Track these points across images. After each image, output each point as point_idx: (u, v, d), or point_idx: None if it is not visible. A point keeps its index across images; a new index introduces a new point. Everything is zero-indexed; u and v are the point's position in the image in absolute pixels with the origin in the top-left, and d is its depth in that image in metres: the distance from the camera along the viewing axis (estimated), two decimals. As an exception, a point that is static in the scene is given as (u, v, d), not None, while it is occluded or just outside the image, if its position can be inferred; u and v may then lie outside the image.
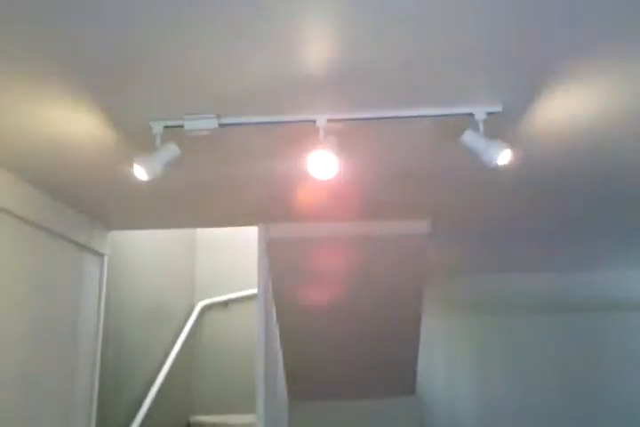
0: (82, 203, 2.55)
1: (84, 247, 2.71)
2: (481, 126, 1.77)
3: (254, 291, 4.42)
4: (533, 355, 4.44)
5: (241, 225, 3.16)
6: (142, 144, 1.86)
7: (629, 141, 2.01)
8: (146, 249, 3.75)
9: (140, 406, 3.40)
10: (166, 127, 1.79)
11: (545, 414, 4.31)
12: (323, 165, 1.78)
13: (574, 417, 4.31)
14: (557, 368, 4.41)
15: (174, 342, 4.12)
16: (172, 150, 1.78)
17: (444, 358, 4.45)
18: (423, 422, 4.21)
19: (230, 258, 4.96)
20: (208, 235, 5.03)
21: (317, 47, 1.42)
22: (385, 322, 3.35)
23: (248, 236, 4.55)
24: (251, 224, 2.99)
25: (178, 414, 4.27)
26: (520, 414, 4.31)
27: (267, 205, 2.70)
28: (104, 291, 2.94)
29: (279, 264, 3.04)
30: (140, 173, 1.75)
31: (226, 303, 4.83)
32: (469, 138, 1.77)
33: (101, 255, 2.91)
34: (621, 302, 4.36)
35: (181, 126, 1.77)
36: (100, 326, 2.89)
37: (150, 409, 3.44)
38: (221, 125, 1.78)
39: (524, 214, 2.91)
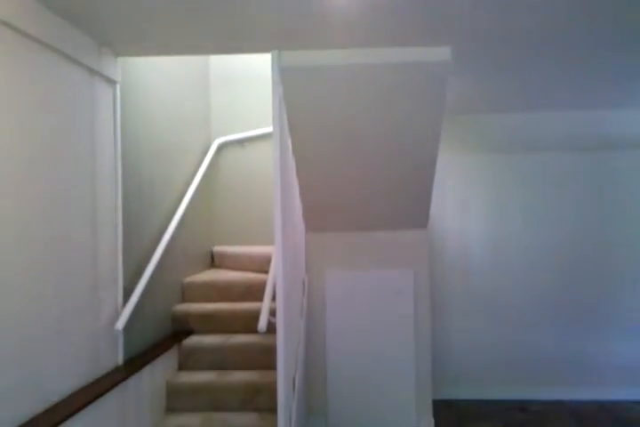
0: (85, 22, 2.40)
1: (93, 72, 2.62)
2: None
3: (270, 129, 4.41)
4: (547, 193, 4.48)
5: (253, 52, 3.01)
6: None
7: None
8: (160, 82, 3.64)
9: (162, 237, 3.56)
10: None
11: (554, 249, 4.47)
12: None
13: (584, 254, 4.46)
14: (570, 206, 4.48)
15: (192, 178, 4.21)
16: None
17: (458, 194, 4.52)
18: (432, 254, 4.42)
19: (245, 96, 4.87)
20: (221, 71, 4.88)
21: None
22: (401, 157, 3.34)
23: (262, 73, 4.41)
24: (263, 51, 2.84)
25: (201, 244, 4.52)
26: (529, 251, 4.48)
27: (279, 29, 2.53)
28: (119, 120, 2.91)
29: (294, 95, 2.94)
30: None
31: (242, 143, 4.84)
32: None
33: (113, 82, 2.83)
34: (638, 141, 4.28)
35: None
36: (119, 157, 2.92)
37: (173, 239, 3.62)
38: None
39: (549, 41, 2.71)
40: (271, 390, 3.18)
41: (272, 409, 3.14)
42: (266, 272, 3.73)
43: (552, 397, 4.38)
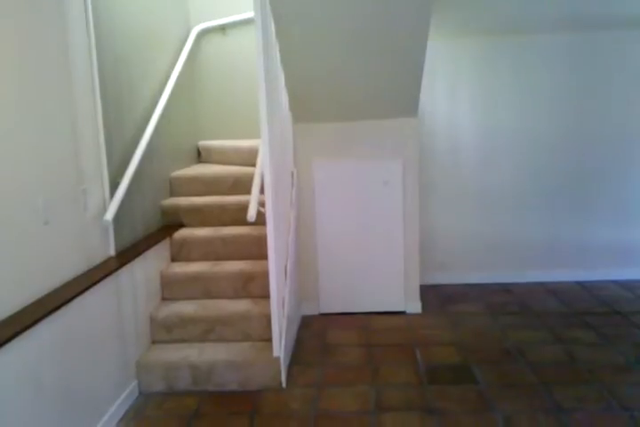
0: None
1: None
2: None
3: (252, 14, 4.14)
4: (540, 77, 4.33)
5: None
6: None
7: None
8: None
9: (145, 130, 3.45)
10: None
11: (542, 135, 4.41)
12: None
13: (571, 139, 4.42)
14: (561, 90, 4.36)
15: (172, 68, 4.01)
16: None
17: (448, 81, 4.36)
18: (421, 142, 4.37)
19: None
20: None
21: None
22: (390, 40, 3.16)
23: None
24: None
25: (186, 138, 4.43)
26: (518, 137, 4.42)
27: None
28: (90, 11, 2.71)
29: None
30: None
31: (223, 29, 4.58)
32: None
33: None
34: (633, 19, 4.05)
35: None
36: (92, 41, 2.74)
37: (156, 133, 3.51)
38: None
39: None
40: (263, 278, 3.27)
41: (265, 296, 3.25)
42: (254, 165, 3.69)
43: (534, 279, 4.57)
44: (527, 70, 4.34)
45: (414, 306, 4.01)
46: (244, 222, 3.62)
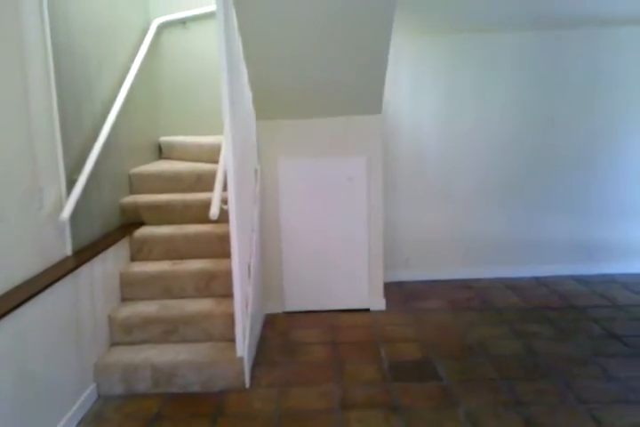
0: None
1: None
2: None
3: (213, 8, 4.07)
4: (502, 76, 4.39)
5: None
6: None
7: None
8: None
9: (104, 126, 3.36)
10: None
11: (507, 134, 4.48)
12: None
13: (536, 139, 4.50)
14: (528, 89, 4.41)
15: (132, 62, 3.91)
16: None
17: (412, 79, 4.38)
18: (386, 140, 4.38)
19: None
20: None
21: None
22: (354, 38, 3.16)
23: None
24: None
25: (146, 134, 4.33)
26: (481, 135, 4.47)
27: None
28: (45, 1, 2.61)
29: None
30: None
31: (183, 22, 4.49)
32: None
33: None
34: (596, 17, 4.14)
35: None
36: (49, 44, 2.65)
37: (115, 128, 3.42)
38: None
39: None
40: (226, 277, 3.23)
41: (228, 295, 3.21)
42: (217, 162, 3.63)
43: (495, 275, 4.64)
44: (493, 69, 4.39)
45: (378, 303, 4.03)
46: (206, 220, 3.56)
